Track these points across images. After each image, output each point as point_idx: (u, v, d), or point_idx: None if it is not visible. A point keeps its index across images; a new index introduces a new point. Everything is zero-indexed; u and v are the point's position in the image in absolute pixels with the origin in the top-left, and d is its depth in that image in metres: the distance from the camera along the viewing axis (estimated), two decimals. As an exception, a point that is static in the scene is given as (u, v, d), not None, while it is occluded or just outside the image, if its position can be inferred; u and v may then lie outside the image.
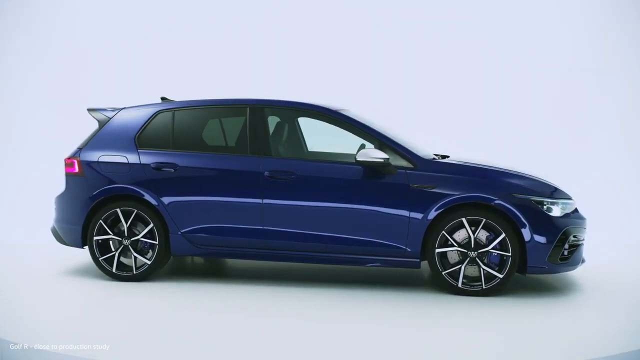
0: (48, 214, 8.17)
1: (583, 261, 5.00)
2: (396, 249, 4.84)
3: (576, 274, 5.51)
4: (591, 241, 6.98)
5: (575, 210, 4.91)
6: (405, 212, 4.78)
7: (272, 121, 5.52)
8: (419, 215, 4.76)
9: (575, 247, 4.84)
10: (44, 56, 9.51)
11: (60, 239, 5.54)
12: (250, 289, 5.00)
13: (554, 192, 4.84)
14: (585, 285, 5.19)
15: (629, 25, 8.65)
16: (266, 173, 4.98)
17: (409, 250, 4.82)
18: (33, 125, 9.42)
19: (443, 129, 8.77)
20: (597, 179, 8.47)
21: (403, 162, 4.85)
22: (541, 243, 4.65)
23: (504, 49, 9.00)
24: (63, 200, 5.52)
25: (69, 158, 5.47)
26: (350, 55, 9.33)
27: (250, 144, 5.11)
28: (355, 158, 4.83)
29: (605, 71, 8.77)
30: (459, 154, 5.96)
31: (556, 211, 4.74)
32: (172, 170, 5.15)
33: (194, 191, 5.10)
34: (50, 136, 9.38)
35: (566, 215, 4.77)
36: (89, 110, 5.64)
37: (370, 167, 4.82)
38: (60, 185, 8.41)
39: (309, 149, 5.83)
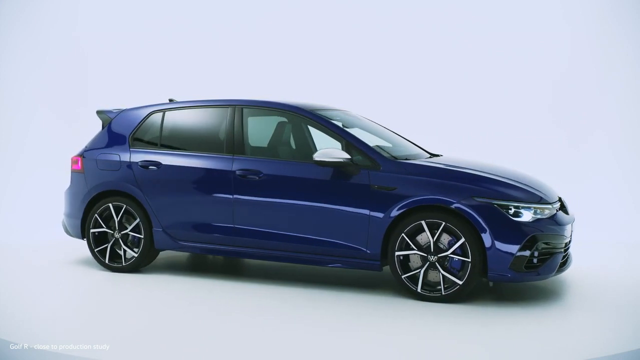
0: (48, 214, 8.20)
1: (561, 269, 4.66)
2: (357, 250, 4.75)
3: (573, 276, 5.50)
4: (589, 241, 7.02)
5: (554, 215, 4.57)
6: (365, 214, 4.67)
7: (273, 121, 5.51)
8: (379, 217, 4.63)
9: (549, 255, 4.49)
10: (45, 56, 9.52)
11: (67, 231, 5.91)
12: (259, 288, 4.99)
13: (527, 196, 4.52)
14: (583, 286, 5.18)
15: (629, 25, 8.66)
16: (237, 172, 5.07)
17: (369, 252, 4.71)
18: (33, 126, 9.43)
19: (445, 129, 8.78)
20: (597, 179, 8.48)
21: (368, 163, 4.77)
22: (502, 250, 4.36)
23: (504, 49, 9.01)
24: (68, 195, 5.87)
25: (75, 156, 5.84)
26: (352, 56, 9.34)
27: (226, 144, 5.23)
28: (312, 158, 4.79)
29: (605, 71, 8.78)
30: (455, 154, 5.98)
31: (526, 216, 4.41)
32: (156, 168, 5.38)
33: (174, 188, 5.32)
34: (50, 136, 9.39)
35: (538, 221, 4.43)
36: (97, 112, 5.97)
37: (335, 168, 4.76)
38: (59, 185, 8.48)
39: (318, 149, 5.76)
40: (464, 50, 9.11)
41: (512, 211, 4.41)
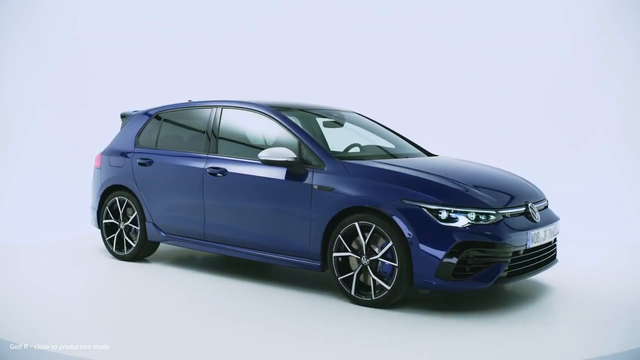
0: (48, 214, 8.20)
1: (504, 280, 4.26)
2: (301, 250, 4.74)
3: (573, 276, 5.49)
4: (589, 241, 7.03)
5: (500, 222, 4.22)
6: (307, 214, 4.66)
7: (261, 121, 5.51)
8: (317, 218, 4.59)
9: (486, 264, 4.15)
10: (45, 56, 9.52)
11: (92, 221, 6.40)
12: (267, 290, 4.98)
13: (465, 201, 4.23)
14: (582, 287, 5.18)
15: (629, 25, 8.66)
16: (208, 170, 5.25)
17: (311, 252, 4.67)
18: (33, 126, 9.42)
19: (447, 130, 8.78)
20: (597, 179, 8.48)
21: (315, 162, 4.74)
22: (427, 256, 4.12)
23: (504, 49, 9.01)
24: (91, 189, 6.42)
25: (98, 154, 6.35)
26: (353, 56, 9.35)
27: (204, 143, 5.45)
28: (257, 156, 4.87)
29: (605, 71, 8.78)
30: (452, 155, 5.98)
31: (461, 221, 4.14)
32: (149, 165, 5.77)
33: (161, 185, 5.66)
34: (50, 136, 9.39)
35: (475, 227, 4.13)
36: (121, 115, 6.47)
37: (287, 167, 4.79)
38: (59, 185, 8.48)
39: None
40: (464, 50, 9.11)
41: (443, 215, 4.15)
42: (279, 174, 4.84)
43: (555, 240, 4.91)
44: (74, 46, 9.54)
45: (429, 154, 5.66)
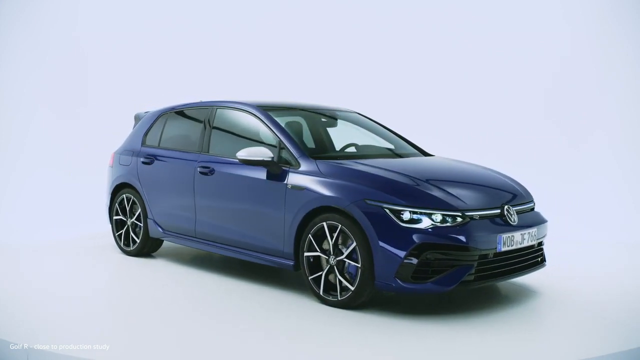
0: (48, 214, 8.20)
1: (469, 283, 4.12)
2: (276, 249, 4.77)
3: (573, 276, 5.49)
4: (589, 241, 7.03)
5: (467, 224, 4.08)
6: (281, 213, 4.67)
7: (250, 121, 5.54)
8: (290, 217, 4.60)
9: (449, 267, 4.04)
10: (45, 56, 9.52)
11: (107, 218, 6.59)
12: (272, 291, 4.99)
13: (429, 202, 4.13)
14: (582, 286, 5.18)
15: (629, 25, 8.66)
16: (198, 169, 5.36)
17: (285, 251, 4.70)
18: (33, 126, 9.42)
19: (446, 130, 8.79)
20: (597, 179, 8.49)
21: (291, 162, 4.76)
22: (388, 257, 4.05)
23: (504, 49, 9.02)
24: (106, 186, 6.59)
25: (112, 153, 6.52)
26: (353, 56, 9.35)
27: (198, 142, 5.57)
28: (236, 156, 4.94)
29: (605, 71, 8.78)
30: (448, 155, 5.98)
31: (425, 223, 4.04)
32: (151, 164, 5.93)
33: (160, 182, 5.81)
34: (50, 136, 9.39)
35: (438, 229, 4.02)
36: (135, 116, 6.64)
37: (263, 167, 4.83)
38: (59, 185, 8.48)
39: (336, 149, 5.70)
40: (464, 50, 9.11)
41: (406, 217, 4.07)
42: (261, 173, 4.87)
43: (540, 243, 4.70)
44: (74, 46, 9.54)
45: (426, 154, 5.64)
